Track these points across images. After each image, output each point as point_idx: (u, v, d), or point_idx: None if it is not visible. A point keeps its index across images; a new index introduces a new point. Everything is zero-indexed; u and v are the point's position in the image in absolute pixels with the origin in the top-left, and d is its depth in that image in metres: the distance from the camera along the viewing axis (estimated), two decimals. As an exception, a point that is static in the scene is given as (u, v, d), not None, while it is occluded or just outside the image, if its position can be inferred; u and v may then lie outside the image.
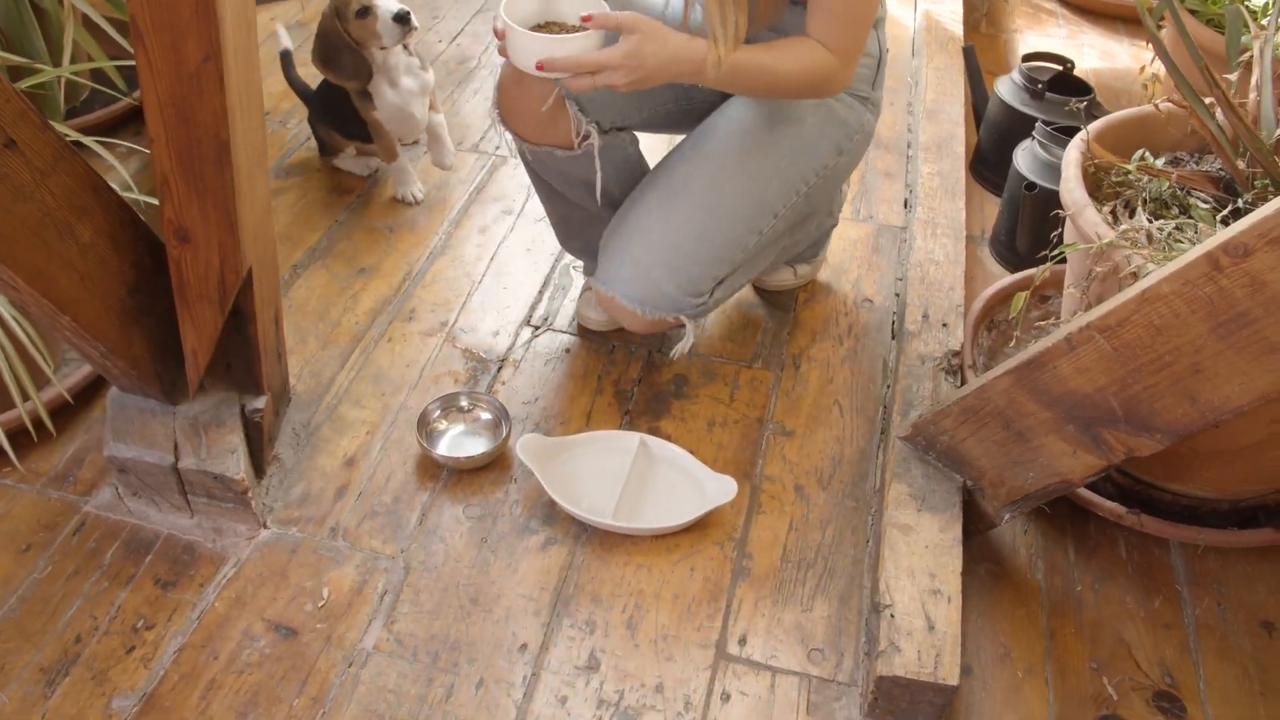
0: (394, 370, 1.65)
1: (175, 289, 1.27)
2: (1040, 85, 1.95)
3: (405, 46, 1.84)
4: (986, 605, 1.35)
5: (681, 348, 1.53)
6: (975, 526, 1.37)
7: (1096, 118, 1.98)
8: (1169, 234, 1.27)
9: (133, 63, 1.44)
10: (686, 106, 1.59)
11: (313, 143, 2.09)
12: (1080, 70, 2.46)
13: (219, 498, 1.38)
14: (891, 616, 1.21)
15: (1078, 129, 1.85)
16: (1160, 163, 1.38)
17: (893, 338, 1.74)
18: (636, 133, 1.58)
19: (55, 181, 1.14)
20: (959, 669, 1.16)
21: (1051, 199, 1.76)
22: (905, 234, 1.95)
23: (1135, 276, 1.21)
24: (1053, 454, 1.25)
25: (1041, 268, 1.30)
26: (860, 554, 1.40)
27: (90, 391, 1.57)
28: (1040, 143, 1.81)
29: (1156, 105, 1.44)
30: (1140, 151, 1.38)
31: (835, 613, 1.33)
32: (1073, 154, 1.38)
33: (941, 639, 1.19)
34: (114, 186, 1.24)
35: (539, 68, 1.22)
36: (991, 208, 2.05)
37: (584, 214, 1.63)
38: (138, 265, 1.29)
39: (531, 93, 1.46)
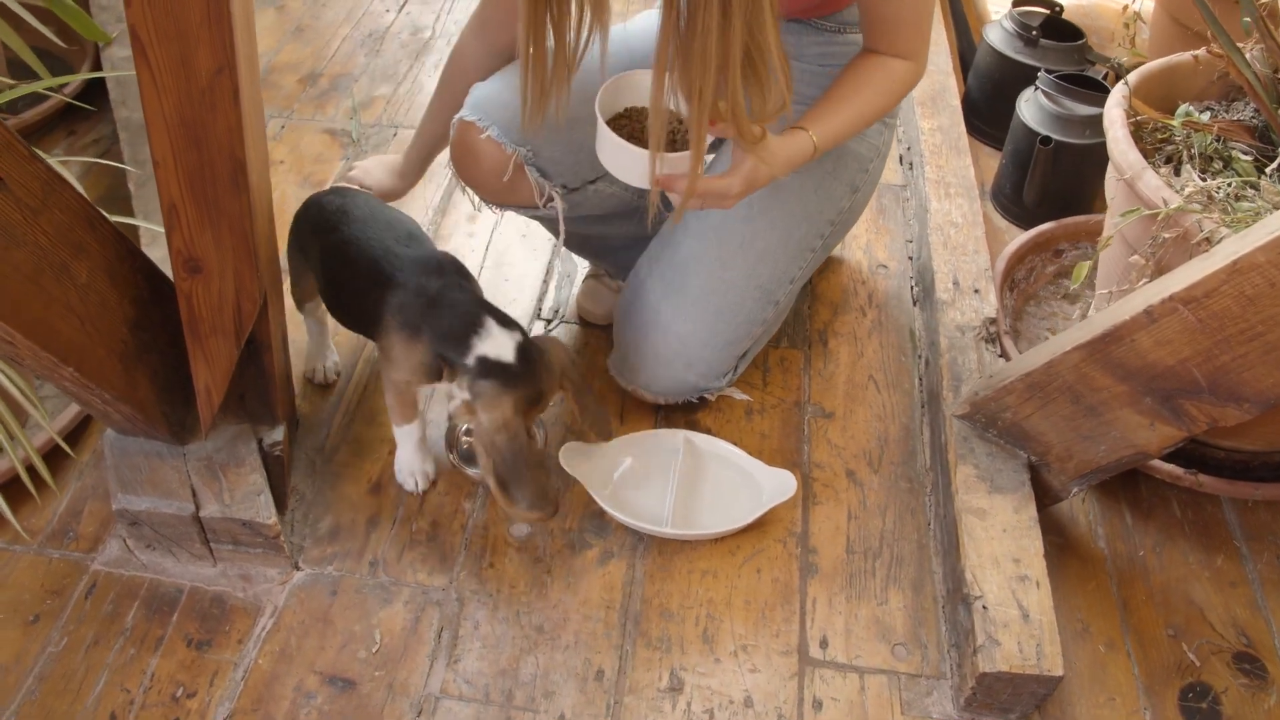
0: (405, 380, 1.54)
1: (185, 324, 1.14)
2: (1035, 31, 1.90)
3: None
4: (1058, 580, 1.33)
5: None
6: (1040, 501, 1.35)
7: (1093, 63, 1.96)
8: (1227, 194, 1.24)
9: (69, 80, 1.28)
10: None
11: (274, 131, 1.93)
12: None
13: (246, 543, 1.27)
14: (984, 608, 1.18)
15: (1082, 77, 1.82)
16: (1205, 117, 1.35)
17: (914, 304, 1.70)
18: None
19: (48, 219, 1.00)
20: (1061, 657, 1.13)
21: (1067, 152, 1.73)
22: (906, 192, 1.90)
23: (1209, 242, 1.18)
24: (1127, 427, 1.23)
25: (1104, 237, 1.26)
26: (924, 537, 1.37)
27: (77, 432, 1.42)
28: (1045, 93, 1.77)
29: (1195, 56, 1.40)
30: (1185, 106, 1.35)
31: (911, 603, 1.30)
32: (1116, 113, 1.34)
33: (1038, 628, 1.16)
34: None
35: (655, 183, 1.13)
36: (987, 160, 2.01)
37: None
38: (137, 299, 1.16)
39: (485, 163, 1.33)
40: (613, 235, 1.55)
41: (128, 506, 1.23)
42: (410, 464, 1.37)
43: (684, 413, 1.50)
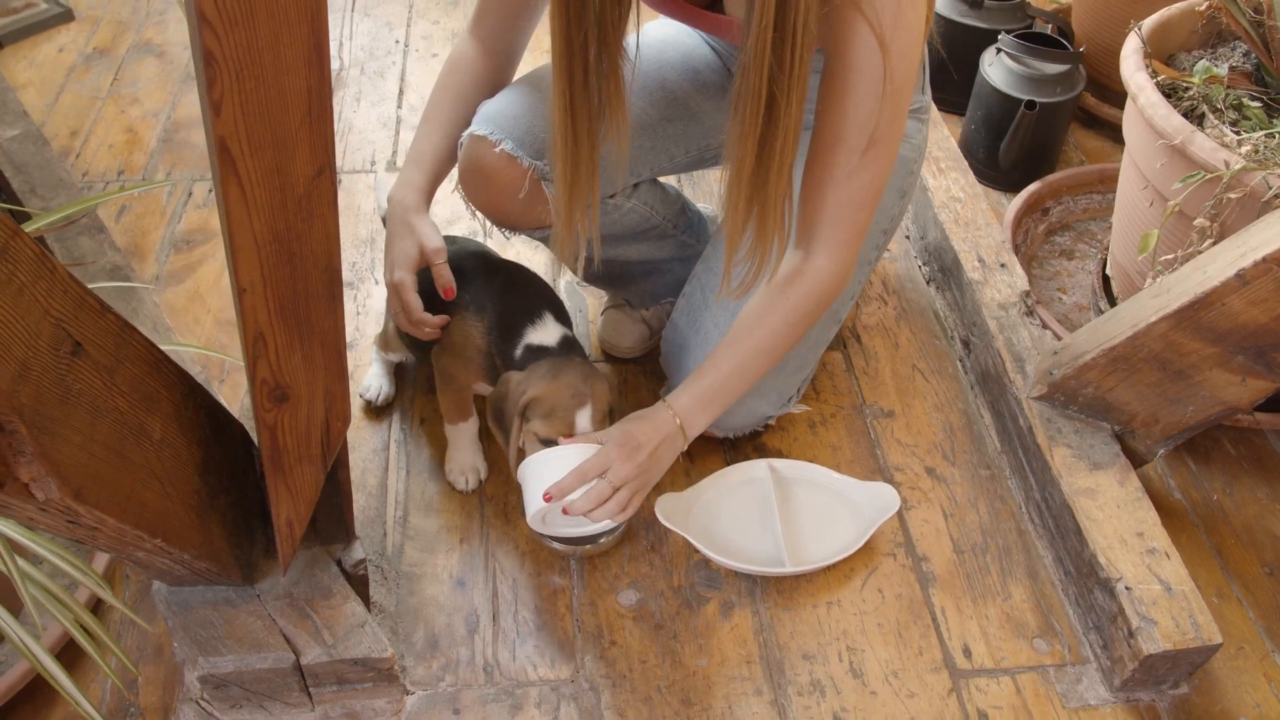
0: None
1: (267, 459, 0.98)
2: (979, -6, 1.92)
3: None
4: (1155, 541, 1.36)
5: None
6: (1125, 467, 1.37)
7: (1033, 19, 1.99)
8: (1267, 147, 1.28)
9: None
10: (700, 156, 1.40)
11: (203, 198, 1.72)
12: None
13: (353, 681, 1.13)
14: (1126, 589, 1.19)
15: (1035, 34, 1.85)
16: (1224, 70, 1.38)
17: (928, 283, 1.69)
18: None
19: (123, 376, 0.84)
20: (1215, 624, 1.15)
21: (1042, 112, 1.76)
22: (881, 170, 1.89)
23: (1278, 199, 1.21)
24: (1217, 385, 1.25)
25: (1171, 205, 1.28)
26: (1021, 522, 1.37)
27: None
28: (1010, 54, 1.79)
29: (1200, 10, 1.43)
30: (1204, 62, 1.38)
31: (1033, 592, 1.30)
32: (1141, 77, 1.35)
33: (1183, 599, 1.18)
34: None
35: (546, 499, 1.14)
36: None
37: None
38: (202, 440, 0.99)
39: (498, 180, 1.24)
40: (632, 258, 1.46)
41: (213, 671, 1.07)
42: (466, 466, 1.38)
43: (749, 438, 1.44)
